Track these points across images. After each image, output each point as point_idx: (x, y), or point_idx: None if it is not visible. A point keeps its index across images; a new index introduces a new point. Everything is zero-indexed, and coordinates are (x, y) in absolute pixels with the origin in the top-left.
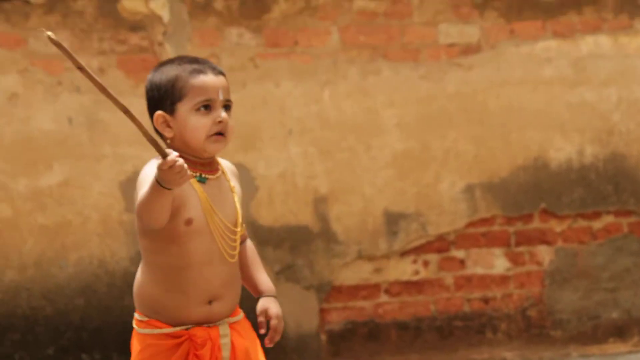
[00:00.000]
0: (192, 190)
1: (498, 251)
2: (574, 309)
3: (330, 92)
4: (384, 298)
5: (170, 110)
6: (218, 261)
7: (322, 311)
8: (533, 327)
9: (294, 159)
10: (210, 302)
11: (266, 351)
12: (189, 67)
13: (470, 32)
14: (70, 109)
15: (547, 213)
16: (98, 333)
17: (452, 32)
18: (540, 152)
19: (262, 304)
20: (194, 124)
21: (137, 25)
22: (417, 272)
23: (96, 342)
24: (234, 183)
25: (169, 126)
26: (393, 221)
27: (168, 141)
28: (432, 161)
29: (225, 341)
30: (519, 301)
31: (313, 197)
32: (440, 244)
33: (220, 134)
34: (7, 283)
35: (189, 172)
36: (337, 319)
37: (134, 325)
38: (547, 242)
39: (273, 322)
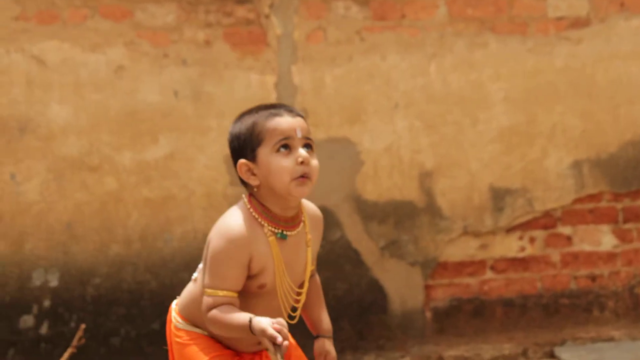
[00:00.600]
0: (270, 255)
1: (605, 228)
2: None
3: (436, 66)
4: (489, 275)
5: (252, 157)
6: (277, 315)
7: (427, 287)
8: None
9: (399, 133)
10: (259, 343)
11: (372, 326)
12: (265, 112)
13: (580, 6)
14: (176, 81)
15: None
16: None
17: (561, 5)
18: None
19: (322, 345)
20: (276, 165)
21: None
22: (523, 249)
23: None
24: (312, 234)
25: (253, 174)
26: (499, 197)
27: (255, 189)
28: (539, 136)
29: None
30: (626, 279)
31: (418, 171)
32: (546, 220)
33: (304, 176)
34: (112, 257)
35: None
36: (442, 296)
37: (175, 323)
38: None
39: None
